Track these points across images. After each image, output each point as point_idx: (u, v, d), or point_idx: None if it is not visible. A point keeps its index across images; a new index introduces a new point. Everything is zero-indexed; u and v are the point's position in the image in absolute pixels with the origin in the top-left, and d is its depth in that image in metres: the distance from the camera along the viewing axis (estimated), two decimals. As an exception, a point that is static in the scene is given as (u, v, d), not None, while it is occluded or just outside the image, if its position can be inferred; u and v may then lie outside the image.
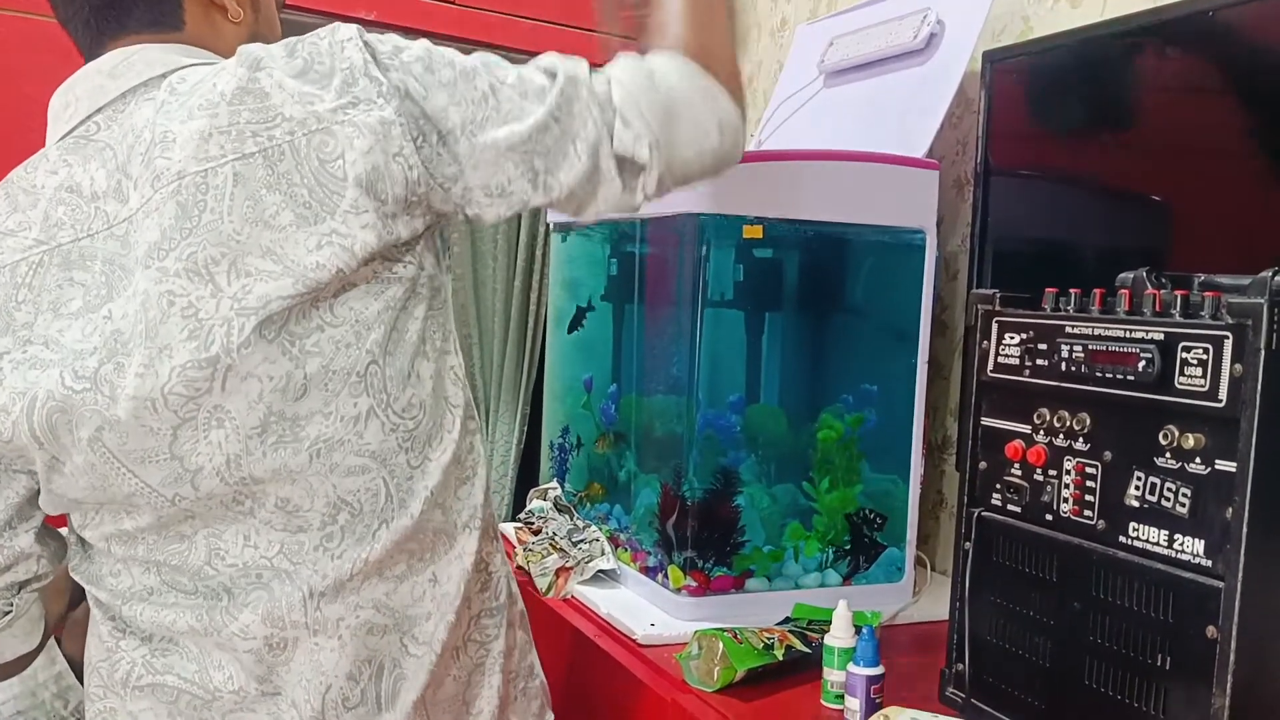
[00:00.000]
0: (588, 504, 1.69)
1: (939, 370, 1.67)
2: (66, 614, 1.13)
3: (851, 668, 1.07)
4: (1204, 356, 0.86)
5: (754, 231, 1.36)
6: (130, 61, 0.93)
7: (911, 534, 1.48)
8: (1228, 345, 0.84)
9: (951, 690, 1.10)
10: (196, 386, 0.87)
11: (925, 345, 1.45)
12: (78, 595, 1.10)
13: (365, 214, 0.87)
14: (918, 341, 1.45)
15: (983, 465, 1.08)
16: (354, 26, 0.91)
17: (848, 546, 1.47)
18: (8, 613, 1.01)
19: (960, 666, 1.09)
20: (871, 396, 1.50)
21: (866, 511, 1.47)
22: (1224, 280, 0.95)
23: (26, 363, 0.89)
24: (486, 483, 1.03)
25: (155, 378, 0.86)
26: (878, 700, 1.06)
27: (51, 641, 1.09)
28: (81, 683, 1.06)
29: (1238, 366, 0.83)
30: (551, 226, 1.88)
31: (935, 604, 1.47)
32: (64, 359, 0.88)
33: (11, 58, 1.85)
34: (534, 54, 1.01)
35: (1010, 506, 1.05)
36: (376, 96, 0.87)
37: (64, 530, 1.04)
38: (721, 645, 1.17)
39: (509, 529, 1.73)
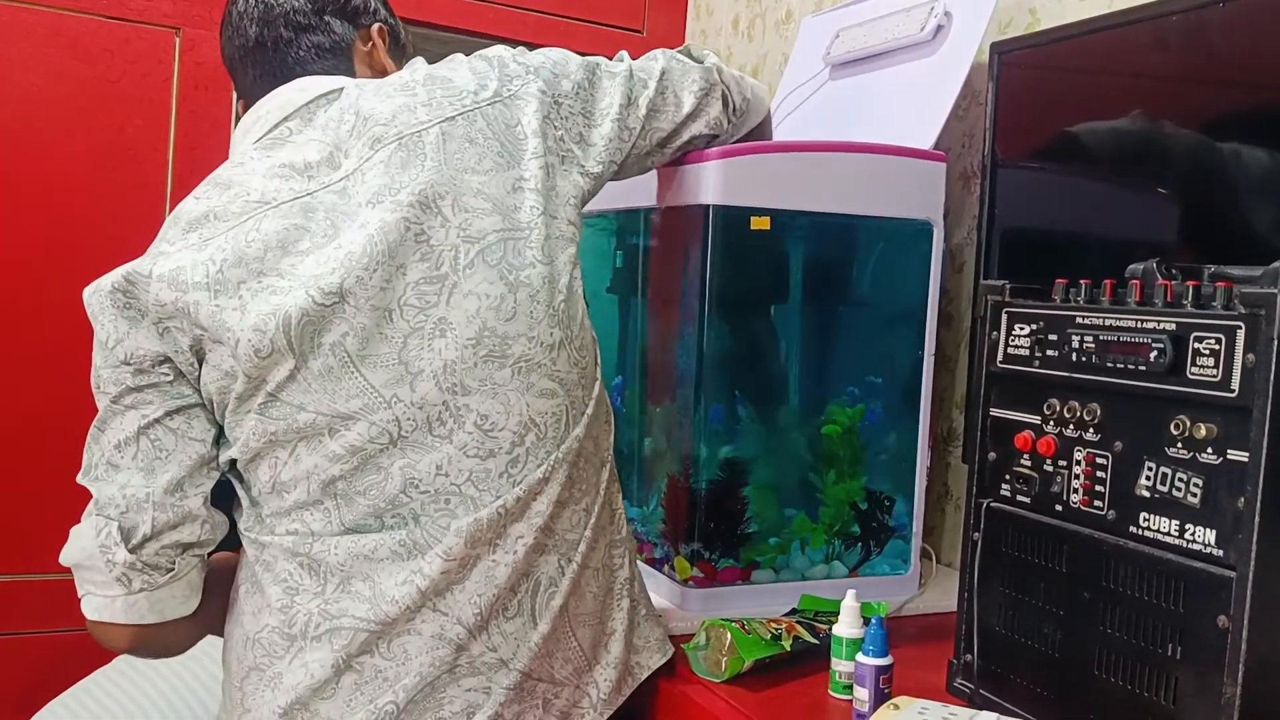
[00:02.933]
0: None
1: (945, 362, 1.67)
2: None
3: (860, 658, 1.07)
4: (1216, 346, 0.86)
5: (761, 223, 1.36)
6: (316, 80, 1.14)
7: (917, 526, 1.48)
8: (1240, 335, 0.84)
9: (960, 681, 1.11)
10: (427, 299, 1.03)
11: (932, 337, 1.45)
12: None
13: (541, 159, 1.10)
14: (924, 333, 1.45)
15: (992, 456, 1.08)
16: (497, 45, 1.20)
17: (856, 532, 1.47)
18: (170, 569, 1.08)
19: (969, 657, 1.09)
20: (877, 388, 1.50)
21: (877, 493, 1.47)
22: (1235, 271, 0.95)
23: (265, 290, 1.03)
24: (614, 427, 1.19)
25: (393, 291, 1.03)
26: (886, 690, 1.06)
27: None
28: None
29: (1250, 356, 0.83)
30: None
31: (942, 596, 1.47)
32: (305, 283, 1.02)
33: (11, 47, 1.85)
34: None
35: (1020, 497, 1.05)
36: (525, 74, 1.14)
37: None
38: (729, 636, 1.17)
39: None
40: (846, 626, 1.14)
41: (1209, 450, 0.87)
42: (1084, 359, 0.97)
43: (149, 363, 1.04)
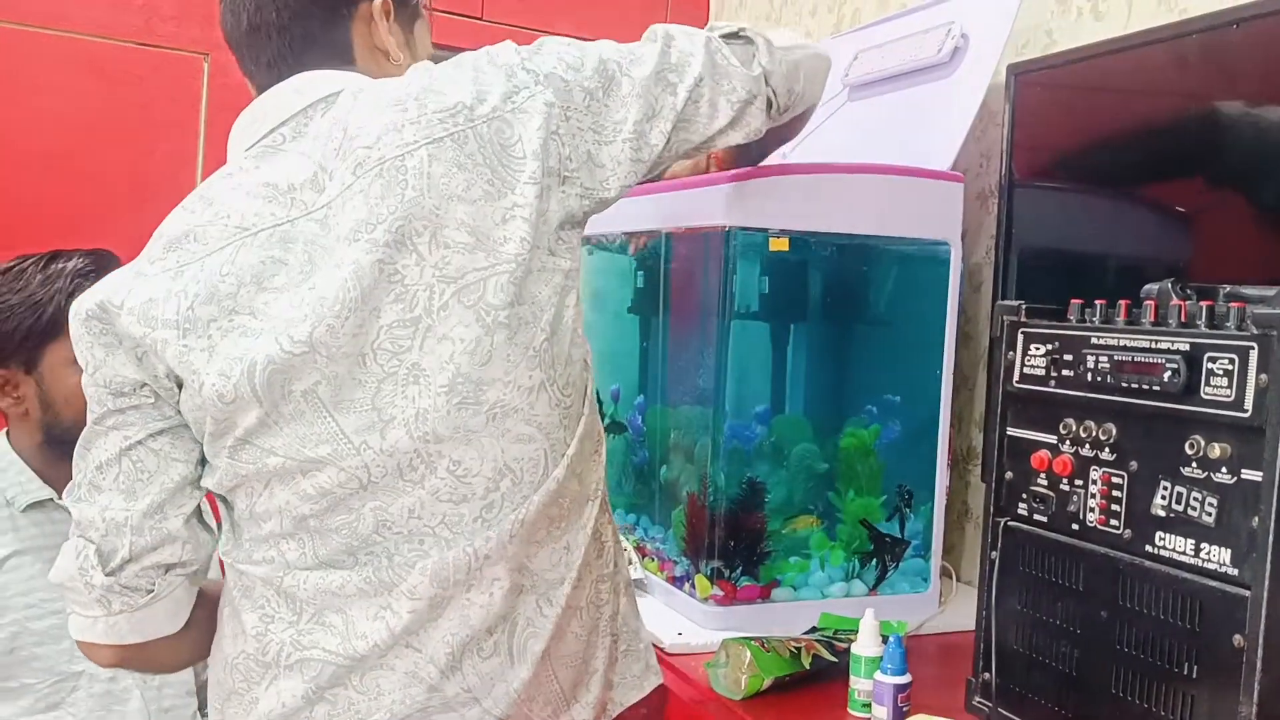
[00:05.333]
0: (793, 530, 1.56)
1: (964, 382, 1.68)
2: None
3: (879, 676, 1.08)
4: (1229, 367, 0.86)
5: (780, 244, 1.38)
6: (313, 80, 1.06)
7: (937, 544, 1.49)
8: (1253, 356, 0.85)
9: (978, 700, 1.11)
10: (400, 344, 0.98)
11: (950, 356, 1.46)
12: None
13: (537, 184, 1.00)
14: (942, 353, 1.46)
15: (1009, 475, 1.09)
16: (507, 42, 1.07)
17: (870, 549, 1.47)
18: (151, 590, 1.07)
19: (987, 676, 1.10)
20: (896, 407, 1.51)
21: (894, 510, 1.48)
22: (1249, 291, 0.95)
23: (236, 330, 0.99)
24: (605, 458, 1.12)
25: (366, 336, 0.97)
26: (905, 709, 1.06)
27: None
28: None
29: (1263, 376, 0.83)
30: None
31: (961, 614, 1.47)
32: (275, 327, 0.98)
33: (43, 74, 1.89)
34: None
35: (1037, 516, 1.06)
36: (533, 84, 1.02)
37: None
38: (749, 654, 1.18)
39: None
40: (865, 645, 1.15)
41: (1223, 470, 0.87)
42: (1099, 379, 0.98)
43: (129, 387, 1.02)
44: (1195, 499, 0.89)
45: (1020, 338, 1.08)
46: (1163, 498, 0.92)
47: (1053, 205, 1.48)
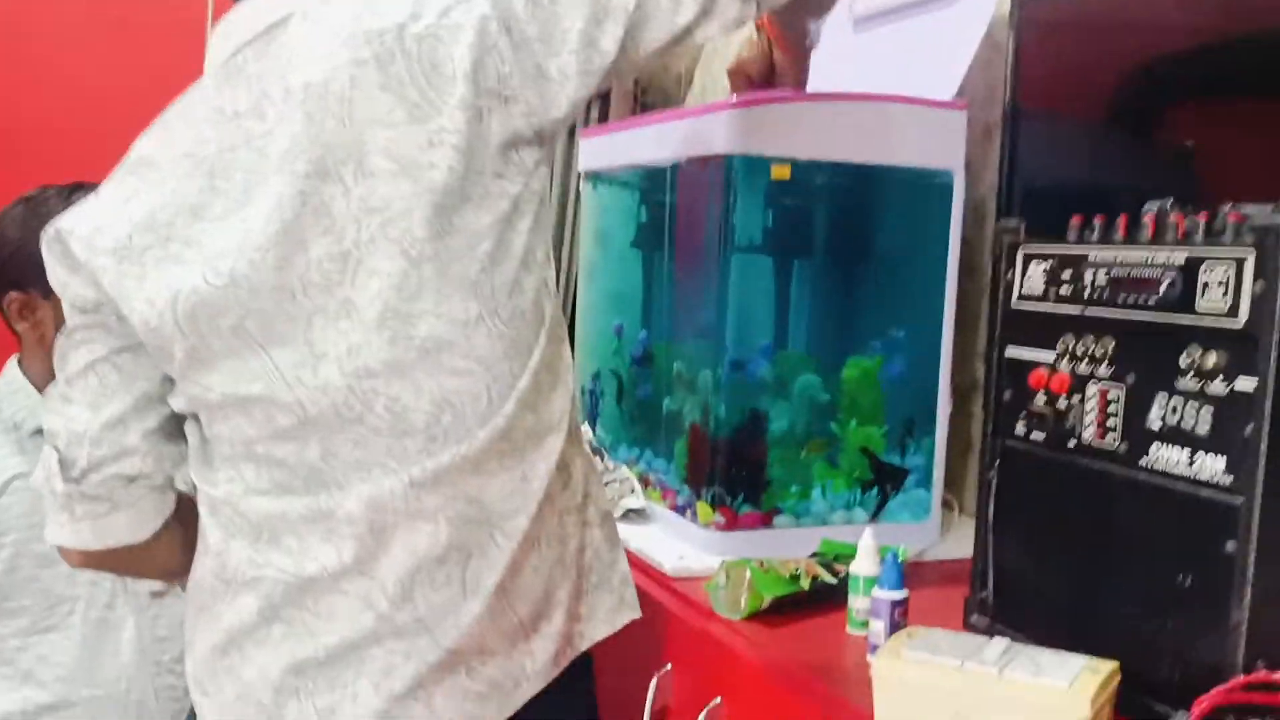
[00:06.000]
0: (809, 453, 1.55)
1: (967, 316, 1.67)
2: None
3: (876, 591, 1.09)
4: (1225, 277, 0.87)
5: (782, 172, 1.38)
6: None
7: (938, 474, 1.50)
8: (1249, 264, 0.85)
9: (976, 617, 1.12)
10: (331, 278, 0.97)
11: (953, 286, 1.46)
12: None
13: (469, 108, 0.95)
14: (945, 284, 1.46)
15: (1007, 396, 1.10)
16: None
17: (869, 477, 1.48)
18: (110, 500, 1.09)
19: (984, 594, 1.11)
20: (899, 338, 1.51)
21: (895, 437, 1.49)
22: (1249, 209, 0.95)
23: (169, 259, 0.99)
24: (573, 388, 1.10)
25: (293, 269, 0.96)
26: (902, 623, 1.08)
27: None
28: None
29: (1259, 283, 0.84)
30: (583, 175, 1.90)
31: (962, 545, 1.46)
32: (204, 258, 0.98)
33: (20, 17, 1.89)
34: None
35: (1034, 435, 1.06)
36: None
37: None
38: (749, 574, 1.19)
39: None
40: (864, 564, 1.16)
41: (1218, 380, 0.88)
42: (1097, 294, 0.98)
43: (90, 305, 1.04)
44: (1190, 410, 0.90)
45: (1019, 257, 1.08)
46: (1159, 410, 0.93)
47: (1057, 134, 1.47)
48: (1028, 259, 1.07)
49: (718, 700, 1.15)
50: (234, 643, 1.07)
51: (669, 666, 1.25)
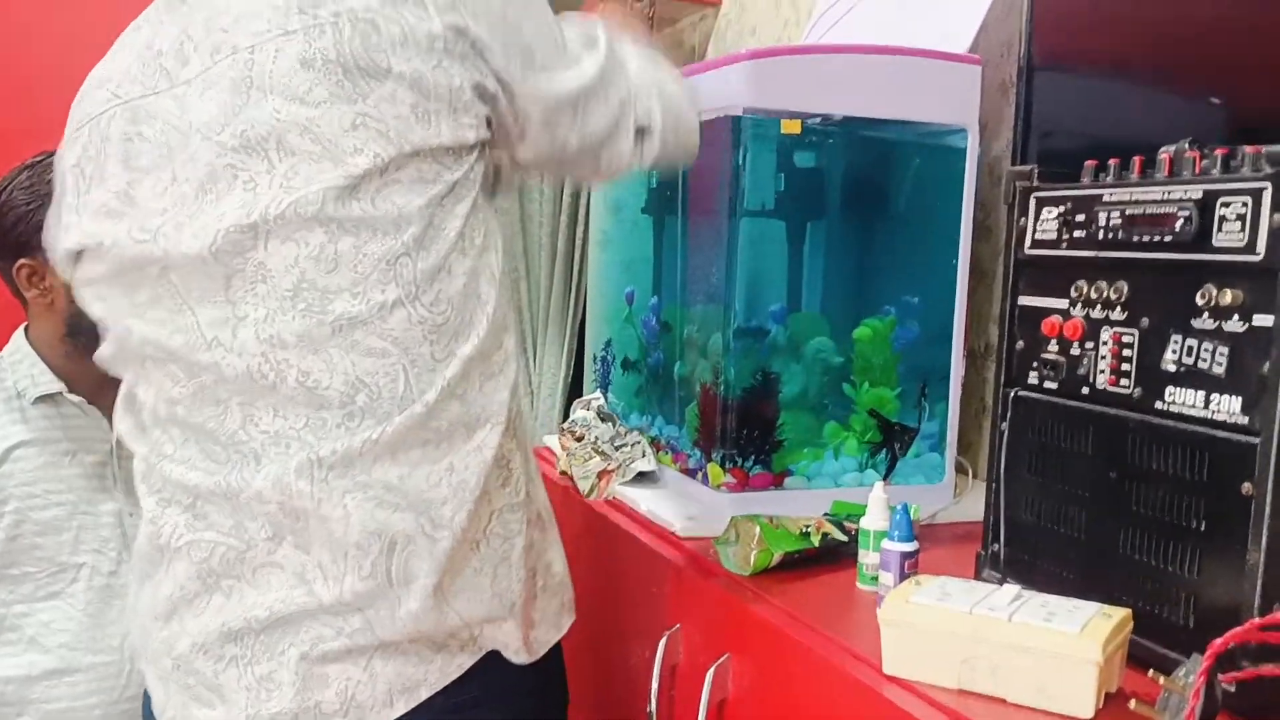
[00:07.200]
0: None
1: (982, 277, 1.65)
2: None
3: (886, 544, 1.07)
4: (1242, 210, 0.84)
5: (792, 126, 1.36)
6: None
7: (952, 435, 1.48)
8: (1267, 195, 0.82)
9: (988, 571, 1.10)
10: (242, 245, 0.94)
11: (966, 245, 1.44)
12: None
13: (403, 105, 0.92)
14: (959, 243, 1.44)
15: (1020, 345, 1.08)
16: None
17: (879, 439, 1.46)
18: None
19: (996, 546, 1.09)
20: (913, 302, 1.49)
21: (909, 399, 1.47)
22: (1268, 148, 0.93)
23: (101, 209, 0.99)
24: (515, 382, 1.05)
25: (207, 237, 0.94)
26: (911, 575, 1.06)
27: None
28: None
29: (1277, 216, 0.81)
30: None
31: (975, 508, 1.44)
32: (135, 214, 0.98)
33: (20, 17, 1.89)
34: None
35: (1047, 384, 1.04)
36: (430, 5, 0.94)
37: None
38: (758, 529, 1.17)
39: (553, 440, 1.75)
40: (874, 519, 1.14)
41: (1235, 317, 0.85)
42: (1111, 235, 0.96)
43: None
44: (1206, 350, 0.88)
45: (1032, 202, 1.06)
46: (1173, 352, 0.91)
47: (1073, 88, 1.45)
48: (1040, 204, 1.05)
49: (726, 656, 1.14)
50: (175, 611, 1.04)
51: (678, 627, 1.24)
